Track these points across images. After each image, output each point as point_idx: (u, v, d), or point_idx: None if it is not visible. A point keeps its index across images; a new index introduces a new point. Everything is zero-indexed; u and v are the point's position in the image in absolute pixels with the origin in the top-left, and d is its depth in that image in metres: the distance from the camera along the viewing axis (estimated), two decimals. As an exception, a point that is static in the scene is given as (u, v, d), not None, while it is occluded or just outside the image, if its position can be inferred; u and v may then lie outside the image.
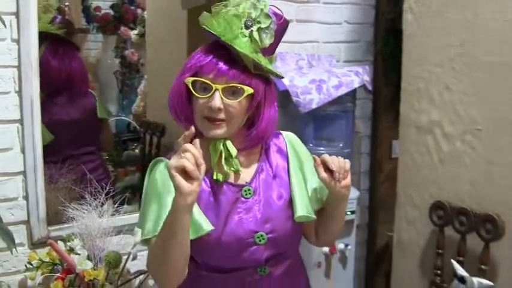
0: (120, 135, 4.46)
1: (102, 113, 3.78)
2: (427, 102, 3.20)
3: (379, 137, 4.07)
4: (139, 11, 4.58)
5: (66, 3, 3.98)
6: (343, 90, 3.37)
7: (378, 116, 4.07)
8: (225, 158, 2.10)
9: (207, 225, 2.04)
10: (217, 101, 1.98)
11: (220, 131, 2.04)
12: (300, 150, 2.27)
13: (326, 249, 3.46)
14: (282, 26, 2.09)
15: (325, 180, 2.11)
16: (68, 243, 2.72)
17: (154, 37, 4.38)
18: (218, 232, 2.07)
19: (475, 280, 2.85)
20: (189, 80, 2.01)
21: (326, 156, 2.12)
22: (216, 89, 1.98)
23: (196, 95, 2.01)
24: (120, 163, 4.23)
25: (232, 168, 2.11)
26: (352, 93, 3.51)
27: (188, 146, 1.83)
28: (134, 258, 2.86)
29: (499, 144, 2.92)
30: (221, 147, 2.09)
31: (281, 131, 2.29)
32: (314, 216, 2.19)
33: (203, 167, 1.84)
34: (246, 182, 2.15)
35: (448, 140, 3.13)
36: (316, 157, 2.15)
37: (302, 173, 2.23)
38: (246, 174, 2.17)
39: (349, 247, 3.54)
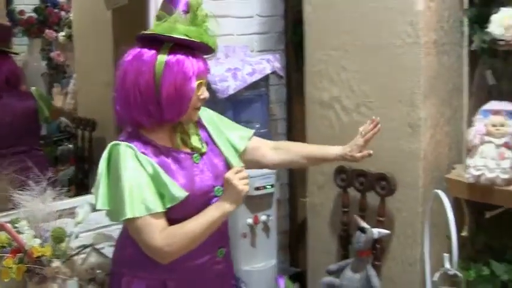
0: (51, 135, 4.71)
1: (43, 113, 4.21)
2: (328, 81, 3.79)
3: (293, 119, 4.67)
4: (63, 13, 4.78)
5: (-9, 8, 4.20)
6: (256, 77, 3.99)
7: (291, 99, 4.67)
8: (194, 134, 2.69)
9: (180, 193, 2.53)
10: (206, 92, 2.61)
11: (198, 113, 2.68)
12: (210, 115, 2.85)
13: (250, 220, 3.97)
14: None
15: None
16: (16, 225, 3.06)
17: (81, 38, 4.71)
18: (190, 192, 2.57)
19: (375, 230, 3.44)
20: (196, 83, 2.53)
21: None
22: (204, 84, 2.59)
23: (198, 93, 2.57)
24: (55, 159, 4.59)
25: (200, 143, 2.71)
26: (266, 79, 4.14)
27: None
28: (76, 237, 3.24)
29: (387, 112, 3.52)
30: (193, 127, 2.70)
31: None
32: (242, 164, 2.79)
33: None
34: (194, 150, 2.68)
35: (347, 112, 3.72)
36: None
37: (220, 134, 2.83)
38: (196, 143, 2.71)
39: (271, 217, 4.03)
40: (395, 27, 3.46)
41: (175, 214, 2.56)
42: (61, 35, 4.82)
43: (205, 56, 2.63)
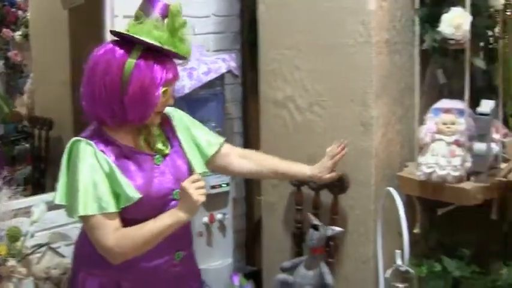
0: (9, 135, 4.75)
1: (2, 110, 4.30)
2: (281, 81, 3.80)
3: (248, 118, 4.70)
4: (20, 12, 4.77)
5: None
6: (212, 76, 4.02)
7: (247, 98, 4.70)
8: (157, 136, 2.71)
9: (135, 194, 2.55)
10: (171, 99, 2.64)
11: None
12: (180, 118, 2.88)
13: (206, 219, 4.05)
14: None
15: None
16: None
17: (38, 37, 4.71)
18: (146, 193, 2.59)
19: (328, 228, 3.47)
20: (162, 90, 2.54)
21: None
22: (172, 90, 2.63)
23: (163, 99, 2.58)
24: (12, 158, 4.60)
25: (163, 145, 2.72)
26: (221, 78, 4.18)
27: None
28: (32, 236, 3.29)
29: (340, 111, 3.56)
30: (157, 129, 2.71)
31: None
32: (207, 170, 2.88)
33: None
34: (157, 152, 2.71)
35: (300, 111, 3.74)
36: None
37: (188, 137, 2.85)
38: (159, 146, 2.73)
39: (226, 216, 4.12)
40: (348, 27, 3.48)
41: (131, 214, 2.58)
42: (18, 34, 4.82)
43: (177, 62, 2.65)
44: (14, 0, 4.81)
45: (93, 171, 2.53)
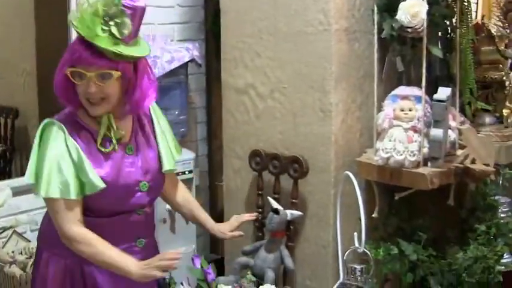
0: None
1: None
2: (242, 68, 3.82)
3: (212, 107, 4.73)
4: None
5: None
6: (175, 64, 4.04)
7: (211, 88, 4.73)
8: (112, 130, 2.66)
9: (99, 183, 2.57)
10: (91, 87, 2.53)
11: (100, 110, 2.60)
12: (160, 116, 2.90)
13: (169, 206, 4.10)
14: (139, 13, 2.56)
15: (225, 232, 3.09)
16: None
17: (4, 26, 4.64)
18: (112, 183, 2.61)
19: (288, 212, 3.50)
20: (68, 70, 2.53)
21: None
22: (90, 77, 2.53)
23: (76, 82, 2.55)
24: None
25: (116, 138, 2.67)
26: (185, 67, 4.20)
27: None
28: None
29: (300, 97, 3.59)
30: (107, 121, 2.64)
31: None
32: (176, 168, 2.91)
33: None
34: (127, 141, 2.72)
35: (261, 98, 3.77)
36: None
37: (163, 135, 2.85)
38: (126, 135, 2.73)
39: None
40: (308, 15, 3.51)
41: (96, 203, 2.64)
42: (-19, 21, 4.74)
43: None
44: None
45: (60, 157, 2.56)
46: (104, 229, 2.68)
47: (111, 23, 2.50)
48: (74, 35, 2.90)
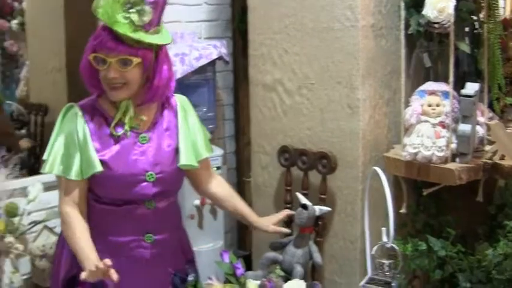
0: None
1: (0, 98, 4.39)
2: (270, 64, 3.85)
3: (240, 104, 4.77)
4: (16, 4, 4.92)
5: None
6: (203, 61, 4.07)
7: (239, 86, 4.77)
8: (127, 116, 2.73)
9: (97, 165, 2.66)
10: (111, 72, 2.63)
11: (120, 95, 2.69)
12: (190, 113, 2.95)
13: (197, 201, 4.04)
14: (161, 2, 2.66)
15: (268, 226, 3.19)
16: None
17: (34, 25, 4.82)
18: (116, 168, 2.70)
19: (316, 207, 3.50)
20: (91, 56, 2.63)
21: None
22: (110, 62, 2.62)
23: (97, 67, 2.65)
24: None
25: (131, 126, 2.75)
26: (212, 65, 4.23)
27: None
28: (28, 214, 3.40)
29: (327, 93, 3.61)
30: (124, 107, 2.73)
31: (174, 94, 2.95)
32: (196, 165, 2.90)
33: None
34: (144, 131, 2.79)
35: (289, 94, 3.79)
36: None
37: (189, 130, 2.90)
38: (144, 124, 2.80)
39: None
40: (335, 11, 3.53)
41: (101, 188, 2.76)
42: (14, 22, 4.91)
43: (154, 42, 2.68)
44: (9, -8, 4.86)
45: (69, 137, 2.69)
46: (111, 218, 2.79)
47: (132, 10, 2.59)
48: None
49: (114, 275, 2.53)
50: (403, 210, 3.60)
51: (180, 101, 2.95)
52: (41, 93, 4.83)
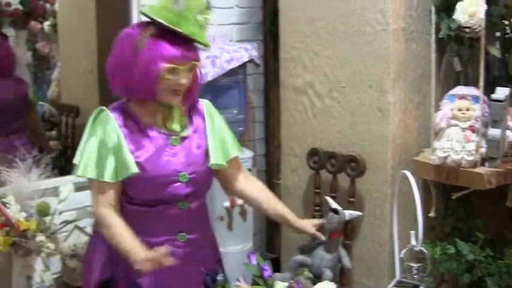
0: None
1: (34, 99, 4.44)
2: (301, 67, 3.90)
3: (270, 107, 4.80)
4: (48, 5, 4.90)
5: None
6: (234, 64, 4.12)
7: (269, 88, 4.80)
8: (176, 117, 2.80)
9: (133, 167, 2.70)
10: (183, 79, 2.68)
11: (179, 99, 2.77)
12: (216, 114, 2.99)
13: (227, 203, 4.10)
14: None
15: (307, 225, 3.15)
16: (3, 200, 3.23)
17: (65, 27, 4.81)
18: (150, 169, 2.74)
19: (347, 212, 3.54)
20: (166, 67, 2.63)
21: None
22: (183, 70, 2.67)
23: (169, 77, 2.66)
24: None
25: (181, 127, 2.82)
26: (243, 67, 4.27)
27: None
28: (60, 213, 3.43)
29: (358, 97, 3.65)
30: (179, 110, 2.80)
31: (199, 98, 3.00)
32: (225, 165, 2.94)
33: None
34: (175, 133, 2.83)
35: (319, 97, 3.84)
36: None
37: (216, 132, 2.94)
38: (175, 127, 2.84)
39: None
40: (366, 15, 3.57)
41: (135, 190, 2.78)
42: (46, 24, 4.92)
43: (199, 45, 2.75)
44: (41, -7, 4.93)
45: (102, 140, 2.72)
46: (143, 218, 2.82)
47: (201, 16, 2.68)
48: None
49: (167, 259, 2.58)
50: (431, 214, 3.63)
51: (205, 104, 3.00)
52: (72, 94, 4.86)
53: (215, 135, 2.94)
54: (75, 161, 2.77)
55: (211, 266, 3.08)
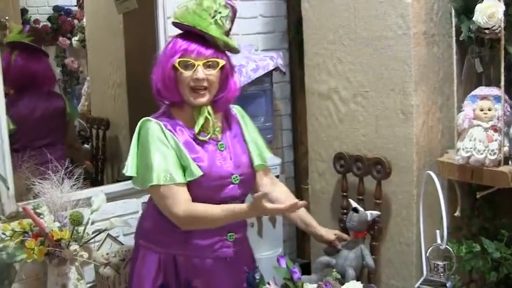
0: None
1: (72, 114, 4.62)
2: (325, 74, 4.03)
3: (297, 114, 4.93)
4: (75, 21, 5.14)
5: (6, 17, 4.54)
6: (260, 73, 4.25)
7: (295, 96, 4.93)
8: (209, 122, 2.97)
9: (197, 170, 2.89)
10: (200, 73, 2.87)
11: (204, 99, 2.93)
12: (248, 119, 3.22)
13: None
14: (234, 12, 2.97)
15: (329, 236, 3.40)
16: (38, 211, 3.35)
17: (94, 41, 5.01)
18: (208, 173, 2.93)
19: (368, 212, 3.62)
20: (177, 61, 2.85)
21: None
22: (198, 65, 2.86)
23: (183, 71, 2.87)
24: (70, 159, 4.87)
25: (215, 131, 3.00)
26: (269, 76, 4.40)
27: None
28: (92, 223, 3.53)
29: (382, 101, 3.76)
30: (206, 113, 2.96)
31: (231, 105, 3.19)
32: (266, 165, 3.18)
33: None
34: (219, 139, 3.04)
35: (344, 102, 3.96)
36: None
37: (251, 135, 3.16)
38: (217, 133, 3.04)
39: None
40: (387, 20, 3.69)
41: (193, 192, 2.92)
42: (75, 39, 5.14)
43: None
44: (70, 10, 5.17)
45: (163, 147, 2.90)
46: None
47: (217, 16, 2.85)
48: (162, 46, 3.17)
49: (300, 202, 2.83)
50: (457, 213, 3.75)
51: (237, 110, 3.22)
52: (102, 107, 5.02)
53: (251, 138, 3.15)
54: (133, 173, 2.96)
55: (251, 265, 3.27)
